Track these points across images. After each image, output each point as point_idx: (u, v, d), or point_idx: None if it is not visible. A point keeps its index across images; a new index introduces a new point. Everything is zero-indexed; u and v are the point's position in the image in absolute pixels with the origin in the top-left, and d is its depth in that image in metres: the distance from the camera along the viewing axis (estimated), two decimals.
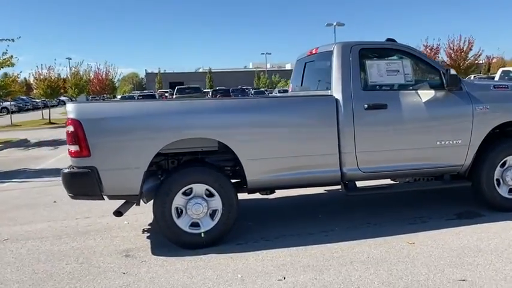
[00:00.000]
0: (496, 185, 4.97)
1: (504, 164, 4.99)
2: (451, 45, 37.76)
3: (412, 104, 4.70)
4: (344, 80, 4.59)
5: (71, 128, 4.04)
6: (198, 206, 4.27)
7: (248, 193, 4.69)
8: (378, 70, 4.74)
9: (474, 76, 33.37)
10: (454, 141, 4.81)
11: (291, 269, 3.71)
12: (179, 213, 4.27)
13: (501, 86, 5.16)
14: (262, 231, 4.75)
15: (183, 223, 4.28)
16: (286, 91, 18.80)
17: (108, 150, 4.09)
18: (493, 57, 56.43)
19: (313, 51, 5.32)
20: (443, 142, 4.78)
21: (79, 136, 4.01)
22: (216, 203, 4.31)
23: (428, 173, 4.92)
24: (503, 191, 5.00)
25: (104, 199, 4.24)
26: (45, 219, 5.80)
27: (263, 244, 4.37)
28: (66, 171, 4.13)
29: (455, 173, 4.99)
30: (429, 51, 38.43)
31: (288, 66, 78.46)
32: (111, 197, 4.20)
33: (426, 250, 3.98)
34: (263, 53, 67.80)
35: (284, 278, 3.54)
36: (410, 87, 4.79)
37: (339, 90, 4.56)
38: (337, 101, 4.53)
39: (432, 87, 4.82)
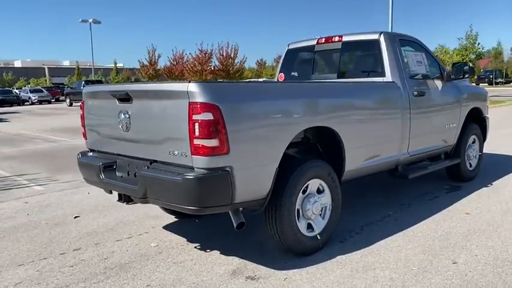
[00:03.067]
0: (466, 159, 6.00)
1: (474, 142, 6.09)
2: (221, 51, 41.43)
3: (435, 92, 5.24)
4: (399, 68, 4.75)
5: (208, 116, 2.97)
6: (316, 205, 3.77)
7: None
8: (412, 60, 5.07)
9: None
10: (452, 124, 5.59)
11: (431, 252, 3.72)
12: (298, 216, 3.68)
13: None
14: (340, 224, 4.50)
15: (301, 226, 3.71)
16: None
17: (246, 143, 3.19)
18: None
19: (334, 40, 5.24)
20: (448, 125, 5.50)
21: (219, 127, 3.00)
22: (326, 199, 3.89)
23: (437, 153, 5.56)
24: (469, 164, 6.08)
25: (230, 210, 3.29)
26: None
27: (362, 237, 4.19)
28: (191, 176, 3.01)
29: (447, 152, 5.77)
30: (204, 55, 41.04)
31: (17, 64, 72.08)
32: (234, 206, 3.28)
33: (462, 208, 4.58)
34: None
35: (432, 264, 3.53)
36: (430, 77, 5.30)
37: (397, 78, 4.70)
38: (398, 88, 4.67)
39: (437, 78, 5.45)
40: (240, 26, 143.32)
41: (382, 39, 4.81)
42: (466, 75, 5.34)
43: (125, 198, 3.69)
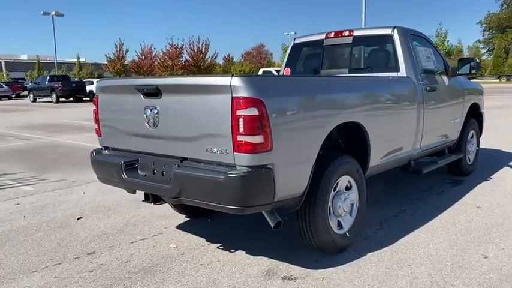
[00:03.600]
0: (466, 154, 6.11)
1: (472, 136, 6.20)
2: (192, 46, 40.91)
3: (443, 87, 5.28)
4: (413, 63, 4.74)
5: (253, 112, 2.84)
6: (346, 202, 3.71)
7: None
8: (422, 55, 5.08)
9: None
10: (456, 119, 5.67)
11: (459, 247, 3.74)
12: (329, 214, 3.61)
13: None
14: None
15: (333, 224, 3.64)
16: None
17: (287, 139, 3.07)
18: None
19: (345, 34, 5.19)
20: (453, 120, 5.58)
21: (264, 123, 2.87)
22: (354, 196, 3.84)
23: (442, 148, 5.61)
24: (468, 159, 6.20)
25: (270, 209, 3.17)
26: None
27: (384, 233, 4.18)
28: (234, 174, 2.87)
29: (450, 147, 5.84)
30: (175, 50, 40.43)
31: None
32: (274, 205, 3.16)
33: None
34: None
35: (464, 258, 3.55)
36: (438, 73, 5.33)
37: (412, 73, 4.69)
38: (413, 83, 4.67)
39: (443, 73, 5.49)
40: (210, 22, 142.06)
41: (396, 33, 4.79)
42: (473, 71, 5.40)
43: (153, 198, 3.50)
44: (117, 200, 5.48)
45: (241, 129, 2.85)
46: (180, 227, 4.51)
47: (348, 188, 3.78)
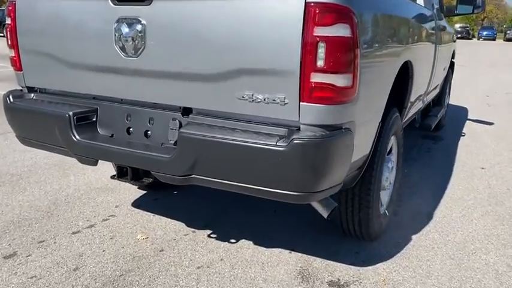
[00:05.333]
0: None
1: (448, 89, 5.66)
2: None
3: (444, 28, 4.49)
4: None
5: (343, 31, 1.65)
6: (392, 171, 2.77)
7: None
8: None
9: None
10: (445, 67, 5.02)
11: (508, 222, 3.07)
12: None
13: None
14: None
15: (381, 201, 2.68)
16: None
17: (369, 82, 1.95)
18: None
19: None
20: (445, 68, 4.93)
21: (356, 52, 1.71)
22: (393, 162, 2.90)
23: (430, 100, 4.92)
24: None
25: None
26: None
27: (407, 206, 3.34)
28: (303, 140, 1.68)
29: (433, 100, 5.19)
30: None
31: None
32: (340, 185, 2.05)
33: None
34: None
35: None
36: (440, 11, 4.51)
37: (430, 6, 3.80)
38: (433, 18, 3.78)
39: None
40: None
41: None
42: (477, 11, 4.63)
43: (133, 175, 2.15)
44: (28, 163, 3.91)
45: (319, 62, 1.65)
46: (138, 204, 3.20)
47: (389, 153, 2.80)
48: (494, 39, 43.13)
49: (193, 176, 1.91)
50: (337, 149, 1.75)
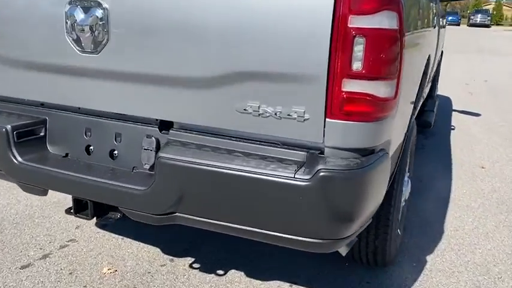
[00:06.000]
0: None
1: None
2: None
3: (441, 15, 4.13)
4: None
5: (389, 22, 1.20)
6: (409, 184, 2.37)
7: None
8: None
9: None
10: (438, 59, 4.65)
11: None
12: None
13: None
14: None
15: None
16: None
17: (405, 87, 1.51)
18: None
19: None
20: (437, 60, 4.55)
21: (402, 50, 1.26)
22: (407, 175, 2.49)
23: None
24: None
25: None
26: None
27: (410, 213, 2.98)
28: (333, 171, 1.23)
29: None
30: None
31: None
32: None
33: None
34: None
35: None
36: None
37: None
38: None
39: None
40: None
41: None
42: None
43: (95, 211, 1.63)
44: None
45: (356, 64, 1.20)
46: (104, 223, 2.68)
47: None
48: (458, 25, 43.79)
49: (177, 214, 1.43)
50: (376, 180, 1.31)
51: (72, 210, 1.67)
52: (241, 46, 1.30)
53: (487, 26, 40.21)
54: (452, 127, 5.30)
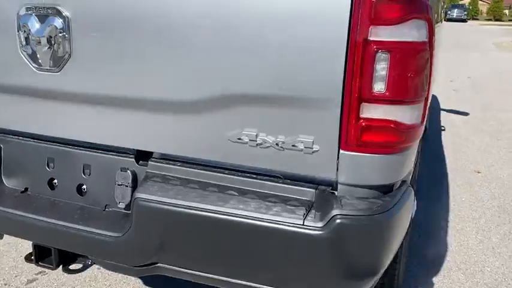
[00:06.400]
0: None
1: None
2: None
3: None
4: None
5: (418, 33, 0.98)
6: (414, 203, 2.15)
7: None
8: None
9: None
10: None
11: None
12: None
13: None
14: None
15: None
16: None
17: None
18: None
19: None
20: None
21: (422, 71, 1.03)
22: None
23: None
24: None
25: None
26: None
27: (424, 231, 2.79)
28: (345, 218, 1.00)
29: None
30: None
31: None
32: None
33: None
34: None
35: None
36: None
37: None
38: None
39: None
40: None
41: None
42: None
43: (61, 258, 1.37)
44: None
45: (378, 85, 0.97)
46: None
47: None
48: None
49: (159, 265, 1.18)
50: (402, 222, 1.09)
51: (32, 257, 1.41)
52: (235, 63, 1.06)
53: (464, 20, 40.66)
54: (443, 128, 5.16)
